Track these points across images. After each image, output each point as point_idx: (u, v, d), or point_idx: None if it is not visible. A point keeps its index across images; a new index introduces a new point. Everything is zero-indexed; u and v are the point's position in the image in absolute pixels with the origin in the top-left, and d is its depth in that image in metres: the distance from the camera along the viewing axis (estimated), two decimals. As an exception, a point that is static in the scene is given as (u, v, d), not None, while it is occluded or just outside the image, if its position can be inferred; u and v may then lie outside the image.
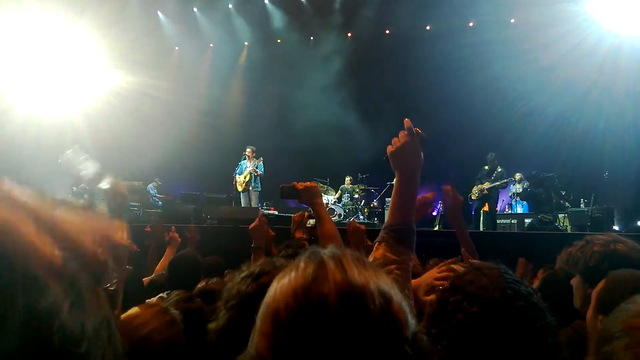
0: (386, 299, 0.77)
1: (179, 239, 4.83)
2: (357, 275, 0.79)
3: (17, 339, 0.58)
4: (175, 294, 2.96)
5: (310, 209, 2.97)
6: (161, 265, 4.43)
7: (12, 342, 0.57)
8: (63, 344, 0.61)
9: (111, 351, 0.71)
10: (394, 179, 1.97)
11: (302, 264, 0.83)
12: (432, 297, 1.43)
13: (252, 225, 3.08)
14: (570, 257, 2.55)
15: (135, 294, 3.44)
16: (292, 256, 2.59)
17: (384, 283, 0.80)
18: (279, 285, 0.82)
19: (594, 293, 1.88)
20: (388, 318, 0.76)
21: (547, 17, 14.09)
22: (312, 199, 2.63)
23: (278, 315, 0.78)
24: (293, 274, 0.82)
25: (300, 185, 2.69)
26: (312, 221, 3.61)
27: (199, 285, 3.47)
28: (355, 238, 3.94)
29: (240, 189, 12.78)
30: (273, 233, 3.89)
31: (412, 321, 0.80)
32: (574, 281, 2.56)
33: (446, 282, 1.46)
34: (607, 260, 2.38)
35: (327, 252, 0.85)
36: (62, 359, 0.61)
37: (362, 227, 3.90)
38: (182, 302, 2.64)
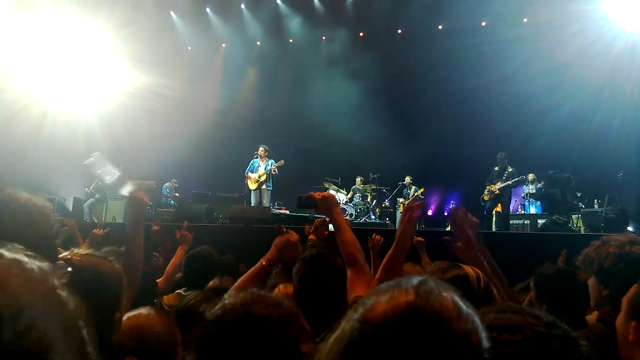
0: (471, 326, 0.85)
1: (191, 236, 4.78)
2: (446, 303, 0.86)
3: None
4: (195, 294, 2.97)
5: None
6: (171, 266, 4.39)
7: None
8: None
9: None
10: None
11: (404, 281, 0.91)
12: None
13: (281, 241, 2.60)
14: (586, 257, 2.54)
15: (148, 294, 3.46)
16: (315, 256, 2.58)
17: (468, 309, 0.88)
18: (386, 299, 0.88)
19: (625, 299, 1.86)
20: (469, 343, 0.83)
21: (560, 16, 13.98)
22: (330, 208, 2.62)
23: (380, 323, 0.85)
24: (391, 292, 0.89)
25: (317, 195, 2.66)
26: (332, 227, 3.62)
27: (211, 284, 3.47)
28: (375, 250, 4.11)
29: (252, 187, 12.77)
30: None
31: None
32: (590, 281, 2.54)
33: None
34: (622, 262, 2.36)
35: (423, 278, 0.92)
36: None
37: (379, 238, 4.12)
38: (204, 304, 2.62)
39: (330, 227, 3.65)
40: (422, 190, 14.28)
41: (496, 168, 11.97)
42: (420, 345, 0.79)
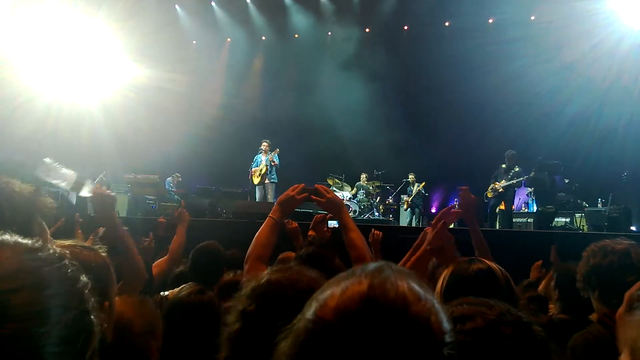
0: (427, 308, 0.82)
1: (188, 215, 4.76)
2: (402, 287, 0.83)
3: None
4: (188, 286, 2.99)
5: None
6: (175, 244, 4.41)
7: None
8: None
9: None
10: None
11: (360, 270, 0.88)
12: None
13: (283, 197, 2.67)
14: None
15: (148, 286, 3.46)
16: (312, 255, 2.59)
17: (429, 294, 0.85)
18: (338, 291, 0.85)
19: (627, 294, 1.87)
20: (426, 326, 0.80)
21: (567, 14, 13.92)
22: (338, 210, 2.61)
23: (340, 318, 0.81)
24: (343, 284, 0.85)
25: (322, 197, 2.62)
26: (332, 223, 3.63)
27: (226, 278, 3.49)
28: (375, 246, 4.11)
29: (256, 181, 12.81)
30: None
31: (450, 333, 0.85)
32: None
33: None
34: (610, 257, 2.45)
35: (384, 265, 0.89)
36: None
37: (379, 233, 4.12)
38: (193, 294, 2.66)
39: (330, 223, 3.66)
40: (423, 184, 14.28)
41: (503, 165, 11.92)
42: (376, 340, 0.76)
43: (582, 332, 2.40)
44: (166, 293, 3.72)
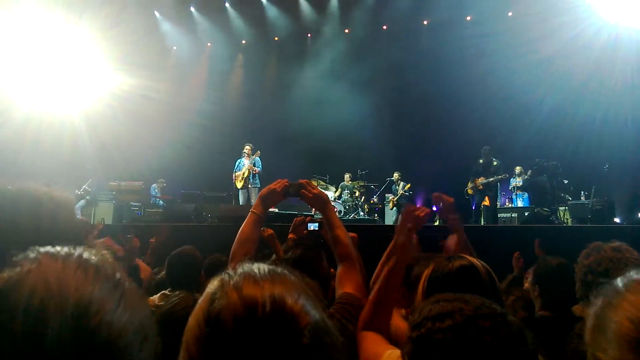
0: (277, 301, 0.84)
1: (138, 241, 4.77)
2: (250, 288, 0.86)
3: (68, 331, 0.68)
4: (177, 295, 2.96)
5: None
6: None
7: (62, 335, 0.67)
8: (107, 337, 0.71)
9: (148, 346, 0.79)
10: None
11: (207, 289, 0.92)
12: None
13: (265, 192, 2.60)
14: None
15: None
16: (300, 258, 2.59)
17: (278, 288, 0.87)
18: (191, 315, 0.90)
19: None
20: (281, 317, 0.83)
21: (545, 8, 14.06)
22: (323, 205, 2.61)
23: (188, 346, 0.86)
24: (199, 301, 0.91)
25: (309, 192, 2.60)
26: (312, 226, 3.63)
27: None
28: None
29: (239, 185, 12.81)
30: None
31: (312, 312, 0.86)
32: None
33: None
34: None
35: (230, 272, 0.93)
36: (105, 351, 0.70)
37: (354, 235, 4.11)
38: (188, 309, 2.61)
39: (310, 226, 3.66)
40: (409, 185, 14.31)
41: (481, 161, 11.96)
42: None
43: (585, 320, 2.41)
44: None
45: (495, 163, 11.77)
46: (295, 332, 0.82)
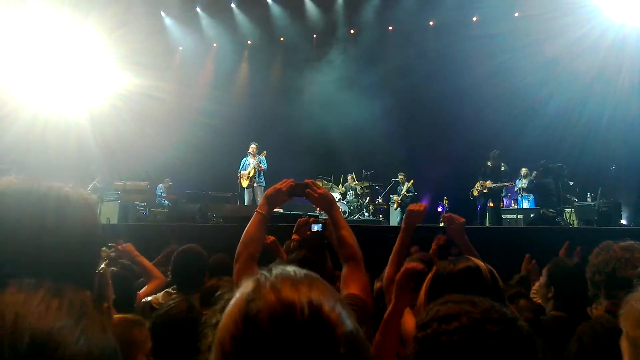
0: (315, 306, 0.83)
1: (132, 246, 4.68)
2: (288, 291, 0.85)
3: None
4: (173, 299, 2.92)
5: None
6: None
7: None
8: None
9: None
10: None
11: (242, 289, 0.90)
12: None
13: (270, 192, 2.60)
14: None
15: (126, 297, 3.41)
16: (304, 259, 2.58)
17: (315, 293, 0.86)
18: (226, 313, 0.89)
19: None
20: (319, 323, 0.82)
21: (551, 9, 13.99)
22: (330, 205, 2.60)
23: (222, 344, 0.85)
24: (233, 301, 0.89)
25: (315, 192, 2.59)
26: (316, 227, 3.62)
27: (209, 283, 3.45)
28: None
29: (244, 184, 12.83)
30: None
31: (347, 322, 0.85)
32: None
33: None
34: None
35: (265, 272, 0.92)
36: None
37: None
38: (184, 312, 2.59)
39: (313, 227, 3.65)
40: (412, 182, 14.29)
41: (489, 163, 11.94)
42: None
43: (589, 321, 2.39)
44: (149, 298, 3.69)
45: (503, 168, 11.75)
46: (332, 340, 0.81)
